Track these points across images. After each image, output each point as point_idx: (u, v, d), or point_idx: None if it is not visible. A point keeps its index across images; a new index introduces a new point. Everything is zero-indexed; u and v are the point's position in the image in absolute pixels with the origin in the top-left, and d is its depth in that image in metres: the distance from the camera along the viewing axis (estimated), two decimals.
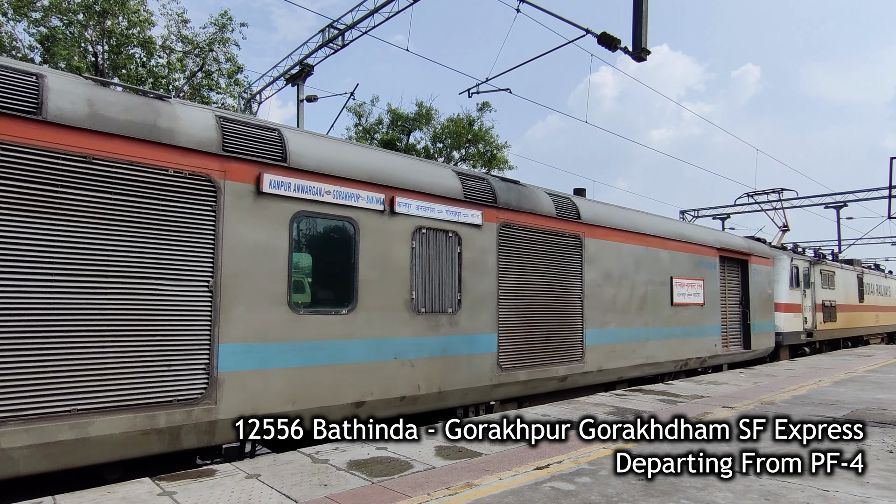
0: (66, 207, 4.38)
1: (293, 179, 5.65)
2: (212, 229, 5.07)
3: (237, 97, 25.10)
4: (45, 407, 4.18)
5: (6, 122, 4.12)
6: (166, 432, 4.81)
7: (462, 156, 35.92)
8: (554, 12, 10.14)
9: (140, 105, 4.86)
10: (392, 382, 6.39)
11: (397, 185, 6.59)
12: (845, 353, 16.60)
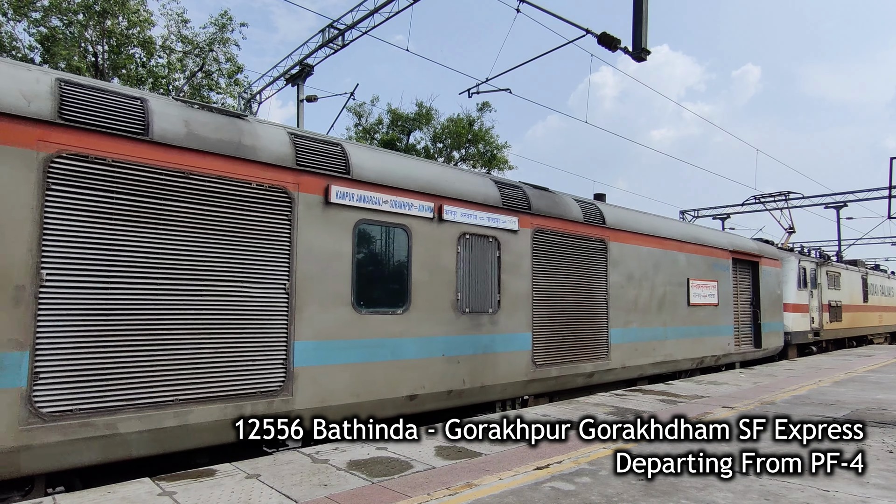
0: (169, 218, 4.89)
1: (356, 190, 6.19)
2: (287, 236, 5.64)
3: (237, 97, 25.05)
4: (154, 396, 4.72)
5: (119, 142, 4.70)
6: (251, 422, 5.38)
7: (462, 156, 35.97)
8: (554, 12, 10.13)
9: (227, 124, 5.40)
10: (440, 377, 6.89)
11: (444, 194, 7.14)
12: (845, 354, 16.80)
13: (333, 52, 17.15)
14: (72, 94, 4.52)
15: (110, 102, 4.71)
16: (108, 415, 4.45)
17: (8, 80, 4.23)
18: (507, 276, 7.74)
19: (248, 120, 5.63)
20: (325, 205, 5.90)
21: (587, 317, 9.00)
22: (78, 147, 4.44)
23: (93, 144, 4.50)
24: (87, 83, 4.69)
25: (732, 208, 31.37)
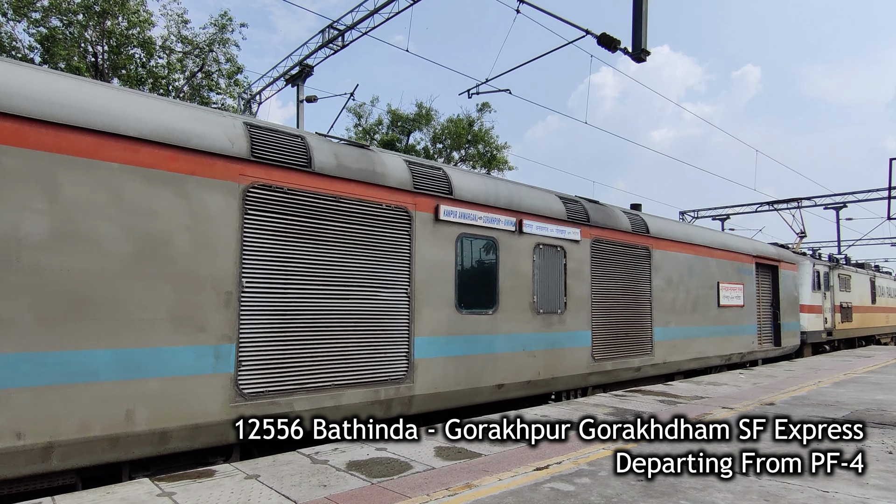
0: (325, 235, 5.97)
1: (458, 208, 7.32)
2: (408, 248, 6.70)
3: (237, 98, 25.09)
4: (317, 382, 5.76)
5: (291, 174, 5.79)
6: (384, 403, 6.41)
7: (462, 156, 36.05)
8: (554, 13, 10.15)
9: (362, 155, 6.46)
10: (521, 369, 8.01)
11: (523, 209, 8.24)
12: (845, 354, 17.30)
13: (333, 52, 17.24)
14: (258, 135, 5.62)
15: (284, 141, 5.81)
16: (286, 396, 5.53)
17: (216, 127, 5.31)
18: (571, 280, 8.90)
19: (374, 150, 6.68)
20: (435, 221, 7.00)
21: (635, 317, 10.15)
22: (265, 179, 5.54)
23: (274, 176, 5.61)
24: (265, 125, 5.87)
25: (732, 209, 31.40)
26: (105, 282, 4.52)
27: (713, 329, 12.25)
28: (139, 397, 4.62)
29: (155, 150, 4.86)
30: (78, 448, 4.33)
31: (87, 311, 4.41)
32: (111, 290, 4.55)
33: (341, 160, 6.16)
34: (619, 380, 9.83)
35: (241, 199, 5.33)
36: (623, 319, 9.82)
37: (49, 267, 4.30)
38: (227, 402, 5.13)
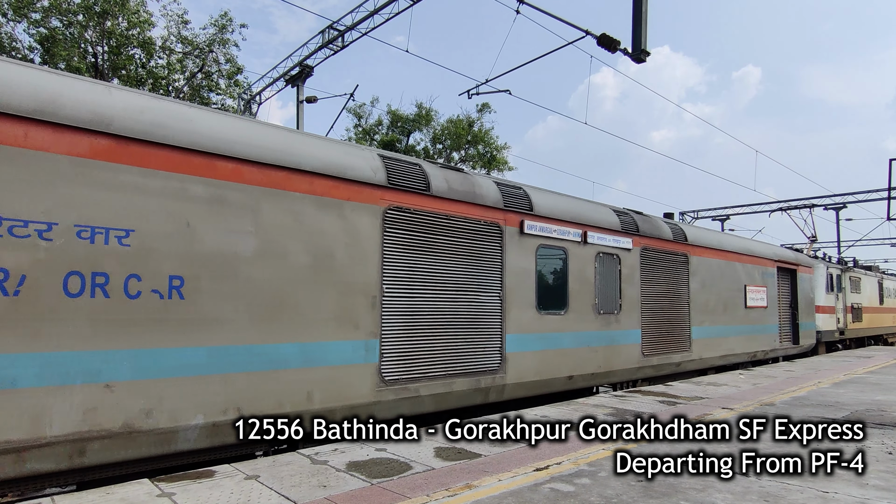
0: (440, 248, 7.19)
1: (537, 223, 8.51)
2: (500, 258, 7.89)
3: (237, 98, 25.08)
4: (435, 371, 6.96)
5: (415, 197, 6.97)
6: (483, 391, 7.56)
7: (462, 157, 36.14)
8: (553, 13, 10.16)
9: (465, 179, 7.70)
10: (586, 362, 9.25)
11: (586, 222, 9.46)
12: (845, 355, 17.92)
13: (333, 53, 17.37)
14: (390, 165, 6.81)
15: (409, 169, 6.97)
16: (414, 383, 6.70)
17: (362, 160, 6.48)
18: (625, 284, 10.09)
19: (470, 173, 7.94)
20: (520, 234, 8.22)
21: (676, 317, 11.43)
22: (398, 202, 6.71)
23: (404, 199, 6.77)
24: (393, 156, 7.05)
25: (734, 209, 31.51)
26: (292, 288, 5.72)
27: (741, 328, 13.50)
28: (314, 382, 5.83)
29: (324, 181, 6.07)
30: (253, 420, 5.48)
31: (281, 313, 5.61)
32: (295, 295, 5.75)
33: (450, 184, 7.38)
34: (663, 373, 11.10)
35: (382, 218, 6.56)
36: (667, 319, 11.10)
37: (256, 277, 5.48)
38: (374, 387, 6.36)
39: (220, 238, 5.27)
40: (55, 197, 4.38)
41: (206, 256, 5.15)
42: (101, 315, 4.55)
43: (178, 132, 5.05)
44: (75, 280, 4.45)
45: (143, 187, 4.82)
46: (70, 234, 4.44)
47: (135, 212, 4.76)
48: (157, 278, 4.87)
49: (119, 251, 4.67)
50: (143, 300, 4.77)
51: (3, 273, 4.16)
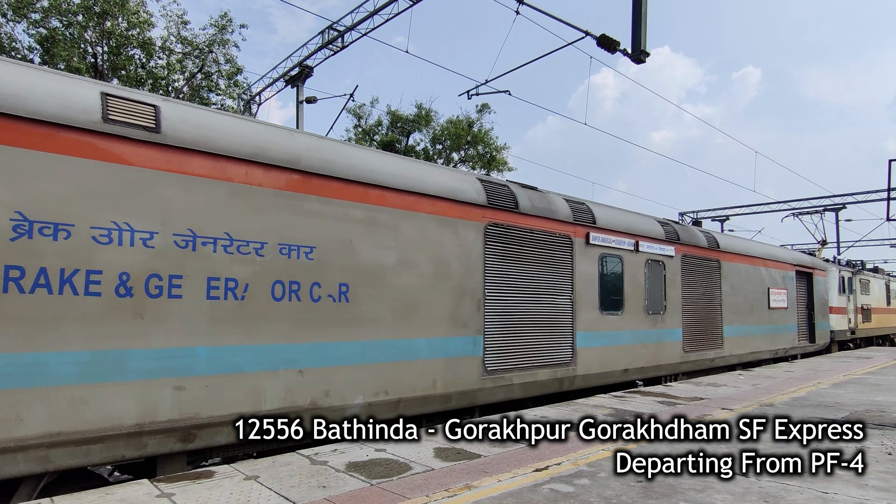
0: (525, 257, 8.48)
1: (600, 234, 9.82)
2: (570, 266, 9.19)
3: (237, 98, 25.13)
4: (523, 363, 8.27)
5: (506, 214, 8.27)
6: (559, 380, 8.90)
7: (461, 157, 36.38)
8: (553, 14, 10.21)
9: (542, 197, 9.11)
10: (638, 357, 10.58)
11: (637, 233, 10.83)
12: (845, 356, 18.50)
13: (333, 53, 17.58)
14: (488, 187, 8.18)
15: (502, 190, 8.36)
16: (508, 372, 8.02)
17: (469, 185, 7.85)
18: (669, 288, 11.45)
19: (544, 192, 9.30)
20: (586, 244, 9.52)
21: (711, 317, 12.81)
22: (494, 218, 8.04)
23: (499, 216, 8.10)
24: (487, 179, 8.42)
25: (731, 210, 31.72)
26: (421, 293, 7.02)
27: (765, 328, 15.00)
28: (437, 370, 7.11)
29: (443, 203, 7.40)
30: (408, 403, 6.84)
31: (414, 313, 6.92)
32: (424, 298, 7.05)
33: (532, 202, 8.71)
34: (700, 368, 12.53)
35: (483, 233, 7.88)
36: (703, 319, 12.49)
37: (397, 284, 6.77)
38: (479, 376, 7.65)
39: (372, 252, 6.62)
40: (265, 221, 5.69)
41: (363, 267, 6.50)
42: (295, 315, 5.85)
43: (342, 166, 6.36)
44: (279, 287, 5.76)
45: (321, 212, 6.12)
46: (275, 251, 5.74)
47: (316, 232, 6.07)
48: (331, 285, 6.18)
49: (306, 264, 5.97)
50: (322, 303, 6.09)
51: (234, 282, 5.45)
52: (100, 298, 4.67)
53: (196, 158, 5.28)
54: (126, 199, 4.87)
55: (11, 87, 4.43)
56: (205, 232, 5.29)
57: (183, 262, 5.14)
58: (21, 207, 4.35)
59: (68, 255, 4.55)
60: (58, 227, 4.53)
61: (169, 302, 5.03)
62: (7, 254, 4.26)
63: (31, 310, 4.35)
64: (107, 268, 4.73)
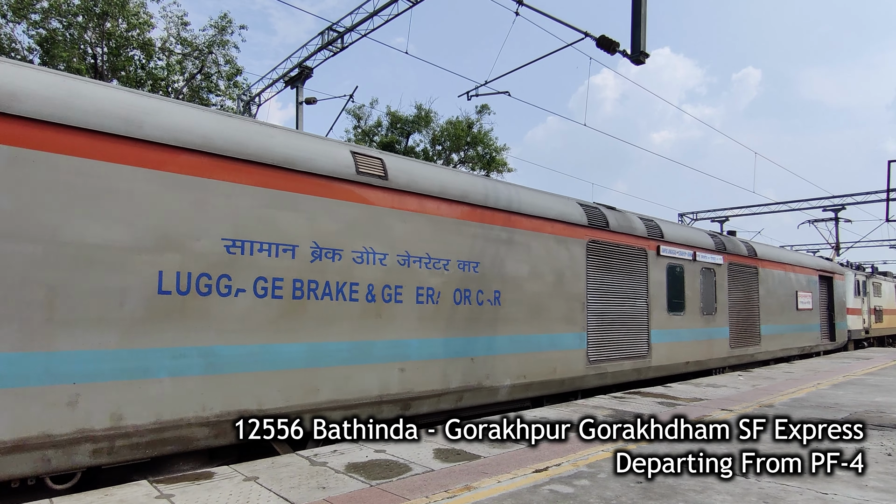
0: (614, 267, 10.37)
1: (667, 247, 11.69)
2: (646, 273, 11.05)
3: (236, 99, 25.14)
4: (614, 356, 10.12)
5: (602, 232, 10.04)
6: (638, 370, 10.74)
7: (461, 158, 36.58)
8: (553, 15, 10.19)
9: (624, 216, 10.96)
10: (695, 352, 12.56)
11: (695, 245, 12.85)
12: (844, 357, 19.38)
13: (333, 54, 17.79)
14: (587, 210, 10.01)
15: (597, 212, 10.22)
16: (603, 363, 9.84)
17: (575, 208, 9.68)
18: (718, 292, 13.41)
19: (624, 211, 11.17)
20: (656, 256, 11.39)
21: (751, 317, 14.75)
22: (593, 236, 9.87)
23: (596, 234, 9.93)
24: (587, 203, 10.25)
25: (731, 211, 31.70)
26: (545, 297, 8.90)
27: (794, 327, 17.01)
28: (556, 360, 8.97)
29: (559, 224, 9.29)
30: (537, 386, 8.65)
31: (540, 314, 8.80)
32: (546, 302, 8.93)
33: (618, 221, 10.61)
34: (742, 362, 14.53)
35: (586, 248, 9.74)
36: (745, 319, 14.42)
37: (528, 290, 8.64)
38: (584, 366, 9.52)
39: (514, 265, 8.50)
40: (448, 243, 7.59)
41: (508, 277, 8.38)
42: (468, 315, 7.76)
43: (493, 199, 8.30)
44: (458, 294, 7.63)
45: (482, 235, 8.07)
46: (455, 266, 7.64)
47: (479, 250, 7.99)
48: (490, 292, 8.06)
49: (474, 276, 7.88)
50: (484, 306, 7.96)
51: (431, 290, 7.29)
52: (357, 303, 6.57)
53: (407, 197, 7.18)
54: (369, 229, 6.77)
55: (307, 153, 6.36)
56: (415, 253, 7.19)
57: (402, 275, 7.04)
58: (315, 238, 6.23)
59: (341, 272, 6.45)
60: (335, 251, 6.40)
61: (395, 305, 6.94)
62: (309, 272, 6.16)
63: (322, 311, 6.25)
64: (361, 280, 6.62)
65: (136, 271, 5.00)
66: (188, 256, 5.31)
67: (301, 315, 6.04)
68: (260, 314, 5.73)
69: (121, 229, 4.96)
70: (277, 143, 6.08)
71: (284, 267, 5.94)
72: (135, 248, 5.01)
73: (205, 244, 5.42)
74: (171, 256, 5.21)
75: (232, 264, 5.56)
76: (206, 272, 5.41)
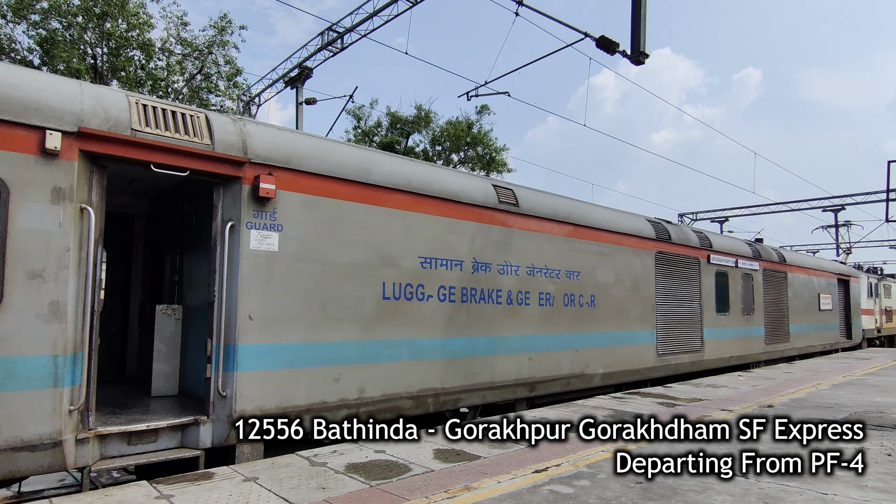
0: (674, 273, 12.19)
1: (715, 255, 13.60)
2: (699, 279, 12.97)
3: (236, 100, 25.17)
4: (675, 350, 12.01)
5: (668, 245, 11.95)
6: (693, 363, 12.71)
7: (461, 158, 36.84)
8: (553, 16, 10.20)
9: (682, 230, 13.20)
10: (738, 348, 14.51)
11: (737, 253, 14.83)
12: (844, 357, 20.14)
13: (332, 54, 17.95)
14: (655, 226, 11.85)
15: (662, 227, 12.15)
16: (668, 356, 11.73)
17: (646, 225, 11.57)
18: (755, 295, 15.40)
19: (680, 225, 13.23)
20: (707, 263, 13.29)
21: (781, 317, 16.71)
22: (659, 248, 11.79)
23: (661, 246, 11.88)
24: (653, 220, 12.15)
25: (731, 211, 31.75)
26: (624, 300, 10.73)
27: (817, 326, 18.99)
28: (632, 353, 10.81)
29: (634, 238, 11.08)
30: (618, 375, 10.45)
31: (621, 314, 10.63)
32: (626, 303, 10.78)
33: (677, 234, 12.59)
34: (774, 357, 16.52)
35: (654, 258, 11.66)
36: (777, 319, 16.39)
37: (613, 294, 10.51)
38: (654, 358, 11.39)
39: (602, 273, 10.33)
40: (560, 256, 9.40)
41: (599, 283, 10.26)
42: (572, 315, 9.58)
43: (587, 219, 10.09)
44: (566, 298, 9.51)
45: (581, 249, 9.99)
46: (564, 275, 9.49)
47: (579, 262, 9.88)
48: (587, 296, 9.94)
49: (577, 282, 9.75)
50: (584, 308, 9.84)
51: (548, 295, 9.16)
52: (500, 306, 8.44)
53: (531, 220, 9.12)
54: (507, 247, 8.66)
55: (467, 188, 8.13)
56: (537, 265, 9.10)
57: (529, 283, 8.97)
58: (474, 255, 8.12)
59: (489, 281, 8.28)
60: (486, 265, 8.28)
61: (525, 307, 8.83)
62: (470, 281, 7.97)
63: (478, 312, 8.03)
64: (503, 288, 8.52)
65: (370, 283, 6.94)
66: (399, 271, 7.27)
67: (464, 315, 8.03)
68: (440, 314, 7.72)
69: (360, 252, 6.88)
70: (449, 182, 8.10)
71: (455, 277, 7.92)
72: (368, 265, 6.96)
73: (409, 261, 7.39)
74: (389, 271, 7.16)
75: (424, 276, 7.54)
76: (409, 283, 7.37)
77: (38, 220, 4.64)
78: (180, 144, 5.49)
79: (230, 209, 5.91)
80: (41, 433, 4.54)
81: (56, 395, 4.63)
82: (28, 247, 4.59)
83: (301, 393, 6.14)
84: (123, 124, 5.16)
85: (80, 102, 5.00)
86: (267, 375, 5.88)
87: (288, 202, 6.19)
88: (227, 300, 5.80)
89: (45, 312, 4.60)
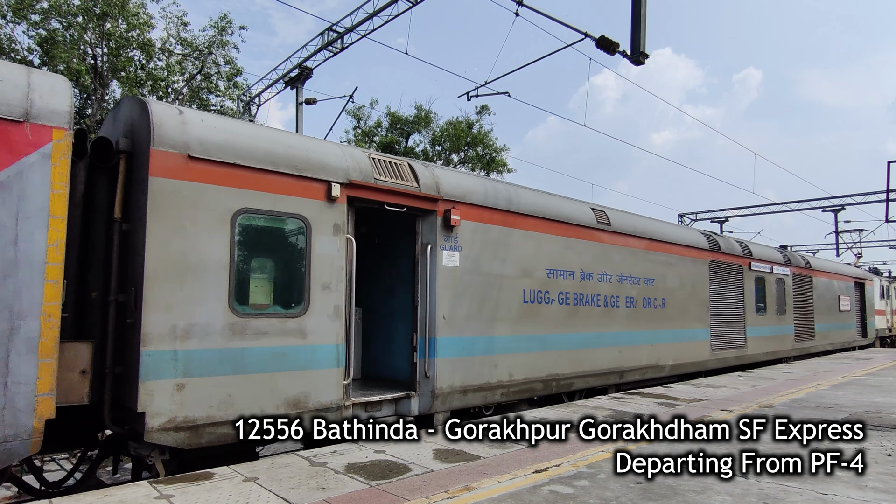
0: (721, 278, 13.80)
1: (755, 262, 15.71)
2: (741, 284, 14.99)
3: (236, 100, 25.28)
4: (725, 345, 14.14)
5: (716, 254, 13.97)
6: (738, 357, 14.81)
7: (461, 159, 36.92)
8: (553, 16, 10.22)
9: (728, 241, 15.72)
10: (772, 344, 16.50)
11: (772, 260, 17.02)
12: (844, 357, 20.92)
13: (332, 55, 18.14)
14: (708, 237, 14.18)
15: (713, 238, 14.37)
16: (719, 351, 13.69)
17: (700, 237, 13.62)
18: (787, 297, 17.49)
19: (726, 237, 15.70)
20: (748, 270, 15.37)
21: (807, 317, 18.71)
22: (711, 257, 13.73)
23: (713, 256, 13.88)
24: (706, 232, 14.46)
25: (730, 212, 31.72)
26: (685, 302, 12.62)
27: (838, 325, 21.13)
28: (690, 348, 12.76)
29: (691, 249, 13.04)
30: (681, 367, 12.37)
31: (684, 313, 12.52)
32: (686, 305, 12.65)
33: (725, 245, 14.61)
34: (801, 354, 18.56)
35: (708, 266, 13.76)
36: (804, 319, 18.38)
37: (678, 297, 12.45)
38: (709, 352, 13.43)
39: (669, 279, 12.23)
40: (640, 266, 11.33)
41: (668, 288, 12.26)
42: (649, 315, 11.54)
43: (656, 233, 12.04)
44: (644, 301, 11.46)
45: (654, 259, 11.97)
46: (643, 282, 11.46)
47: (653, 270, 11.82)
48: (659, 299, 11.93)
49: (651, 287, 11.71)
50: (657, 309, 11.80)
51: (631, 299, 11.13)
52: (599, 308, 10.42)
53: (618, 236, 11.14)
54: (603, 259, 10.67)
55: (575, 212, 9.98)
56: (624, 273, 11.15)
57: (618, 289, 11.04)
58: (582, 266, 9.99)
59: (592, 287, 10.17)
60: (589, 274, 10.12)
61: (615, 309, 10.89)
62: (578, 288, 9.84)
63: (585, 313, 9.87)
64: (600, 293, 10.52)
65: (514, 290, 8.95)
66: (533, 280, 9.34)
67: (575, 315, 10.13)
68: (560, 314, 9.81)
69: (508, 265, 8.91)
70: (564, 206, 10.14)
71: (570, 285, 9.95)
72: (514, 276, 9.00)
73: (539, 272, 9.47)
74: (526, 280, 9.23)
75: (549, 284, 9.60)
76: (539, 289, 9.40)
77: (327, 247, 6.65)
78: (402, 188, 7.52)
79: (427, 234, 8.02)
80: (332, 399, 6.48)
81: (339, 373, 6.66)
82: (322, 266, 6.57)
83: (474, 375, 8.22)
84: (369, 175, 7.19)
85: (345, 160, 6.98)
86: (454, 361, 7.91)
87: (465, 228, 8.29)
88: (428, 304, 7.82)
89: (332, 314, 6.62)
